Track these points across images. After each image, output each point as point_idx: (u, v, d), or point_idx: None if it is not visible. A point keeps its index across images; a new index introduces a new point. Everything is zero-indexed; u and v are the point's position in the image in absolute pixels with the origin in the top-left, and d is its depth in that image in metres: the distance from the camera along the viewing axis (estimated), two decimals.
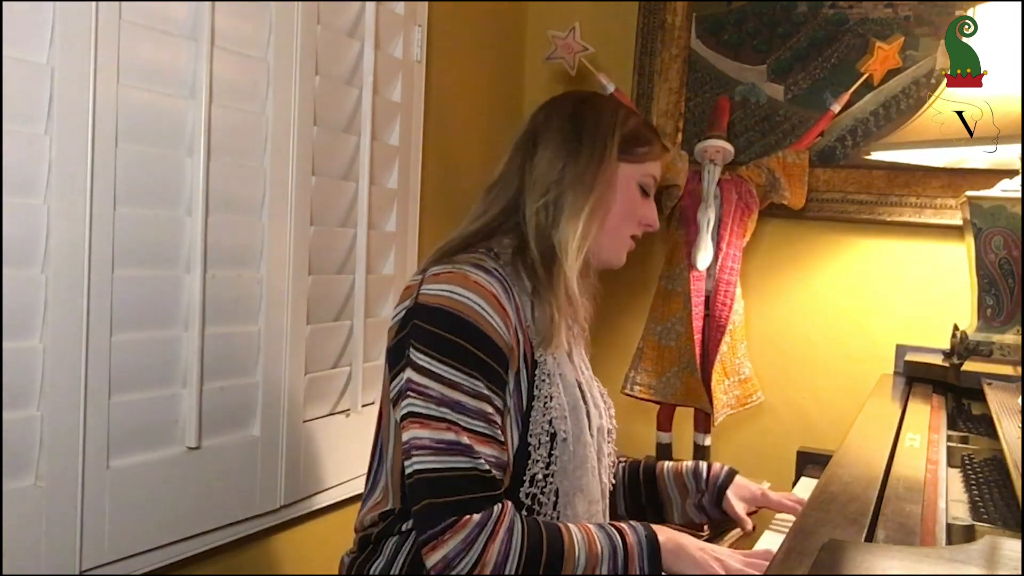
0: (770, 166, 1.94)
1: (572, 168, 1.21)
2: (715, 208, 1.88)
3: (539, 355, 1.15)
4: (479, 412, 1.05)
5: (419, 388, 1.06)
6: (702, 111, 2.15)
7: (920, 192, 1.97)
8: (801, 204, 1.96)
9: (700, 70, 2.16)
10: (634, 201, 1.26)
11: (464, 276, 1.09)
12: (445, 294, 1.08)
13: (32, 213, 1.08)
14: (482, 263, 1.13)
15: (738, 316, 1.90)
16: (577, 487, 1.15)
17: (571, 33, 2.00)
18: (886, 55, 1.90)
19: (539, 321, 1.15)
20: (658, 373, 1.92)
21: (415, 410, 1.06)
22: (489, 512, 1.03)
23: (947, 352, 1.65)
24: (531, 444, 1.11)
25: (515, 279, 1.16)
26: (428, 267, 1.15)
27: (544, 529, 1.05)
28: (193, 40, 1.28)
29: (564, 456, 1.13)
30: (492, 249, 1.19)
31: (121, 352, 1.20)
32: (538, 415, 1.12)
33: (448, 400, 1.05)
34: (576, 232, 1.18)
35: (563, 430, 1.13)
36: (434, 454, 1.03)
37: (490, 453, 1.05)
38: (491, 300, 1.08)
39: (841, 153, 2.03)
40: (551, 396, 1.13)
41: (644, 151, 1.27)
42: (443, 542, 1.01)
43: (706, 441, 1.96)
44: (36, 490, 1.10)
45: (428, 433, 1.04)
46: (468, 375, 1.06)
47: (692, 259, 1.88)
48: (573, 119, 1.24)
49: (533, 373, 1.14)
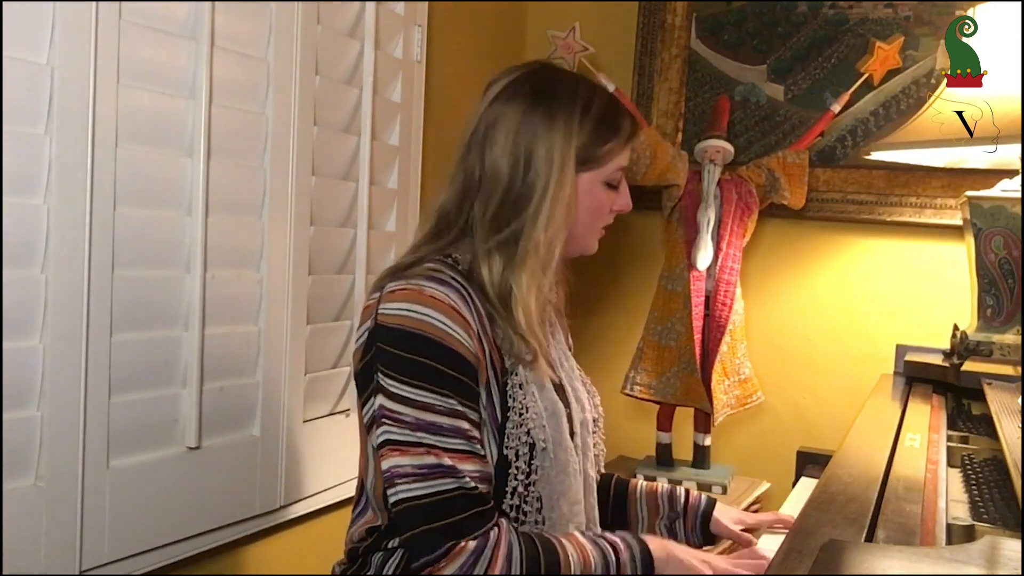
0: (770, 166, 1.94)
1: (526, 196, 1.11)
2: (715, 208, 1.88)
3: (509, 364, 1.10)
4: (456, 430, 1.03)
5: (393, 415, 1.03)
6: (702, 111, 2.15)
7: (920, 192, 1.97)
8: (801, 204, 1.96)
9: (700, 70, 2.16)
10: (601, 202, 1.17)
11: (419, 292, 1.05)
12: (404, 313, 1.04)
13: (32, 213, 1.08)
14: (437, 274, 1.07)
15: (738, 316, 1.90)
16: (559, 492, 1.13)
17: (571, 33, 2.00)
18: (886, 55, 1.90)
19: (502, 341, 1.10)
20: (658, 373, 1.92)
21: (391, 437, 1.03)
22: (486, 538, 1.01)
23: (947, 352, 1.65)
24: (509, 457, 1.08)
25: (475, 287, 1.11)
26: (384, 283, 1.09)
27: (542, 553, 1.04)
28: (193, 40, 1.28)
29: (545, 463, 1.10)
30: (449, 255, 1.13)
31: (121, 352, 1.20)
32: (514, 427, 1.08)
33: (423, 423, 1.02)
34: (532, 274, 1.10)
35: (542, 439, 1.10)
36: (418, 480, 1.01)
37: (473, 469, 1.03)
38: (450, 313, 1.04)
39: (841, 153, 2.03)
40: (527, 407, 1.09)
41: (608, 148, 1.15)
42: (439, 569, 1.00)
43: (706, 441, 1.96)
44: (36, 490, 1.10)
45: (408, 460, 1.02)
46: (440, 394, 1.03)
47: (692, 259, 1.88)
48: (525, 131, 1.11)
49: (505, 381, 1.10)
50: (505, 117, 1.13)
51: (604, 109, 1.15)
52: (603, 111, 1.15)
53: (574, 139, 1.12)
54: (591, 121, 1.13)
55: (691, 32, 2.15)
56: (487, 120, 1.15)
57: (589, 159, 1.14)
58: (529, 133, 1.11)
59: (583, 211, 1.16)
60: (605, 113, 1.15)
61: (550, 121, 1.12)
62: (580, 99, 1.14)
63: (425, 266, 1.09)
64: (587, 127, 1.13)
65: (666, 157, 1.92)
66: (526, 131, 1.11)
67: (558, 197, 1.11)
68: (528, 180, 1.11)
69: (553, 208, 1.10)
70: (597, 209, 1.18)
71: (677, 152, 1.98)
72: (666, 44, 2.16)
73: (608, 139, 1.14)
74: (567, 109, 1.13)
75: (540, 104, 1.13)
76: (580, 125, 1.12)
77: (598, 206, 1.18)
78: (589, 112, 1.13)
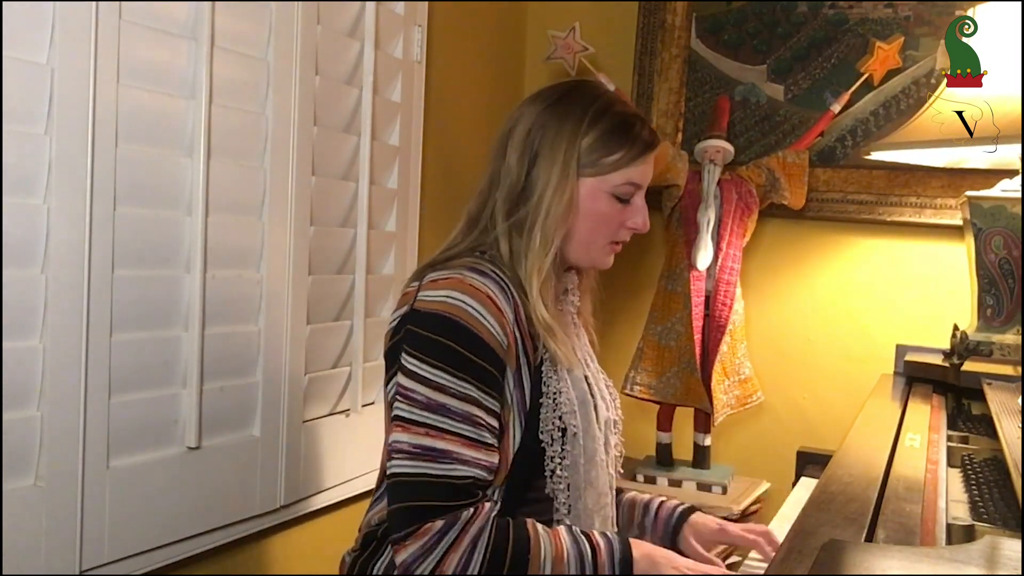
0: (770, 166, 1.94)
1: (531, 188, 1.16)
2: (715, 208, 1.89)
3: (545, 352, 1.15)
4: (465, 415, 1.06)
5: (406, 392, 1.07)
6: (702, 111, 2.15)
7: (920, 192, 1.97)
8: (801, 204, 1.96)
9: (700, 70, 2.16)
10: (606, 213, 1.19)
11: (460, 280, 1.10)
12: (441, 299, 1.09)
13: (32, 213, 1.08)
14: (479, 266, 1.13)
15: (738, 316, 1.91)
16: (587, 481, 1.15)
17: (571, 33, 2.00)
18: (886, 55, 1.90)
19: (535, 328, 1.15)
20: (658, 373, 1.92)
21: (400, 414, 1.07)
22: (455, 518, 1.03)
23: (947, 352, 1.65)
24: (543, 440, 1.12)
25: (514, 280, 1.16)
26: (425, 272, 1.15)
27: (511, 542, 1.04)
28: (193, 40, 1.28)
29: (575, 451, 1.14)
30: (487, 252, 1.19)
31: (121, 352, 1.20)
32: (548, 411, 1.12)
33: (433, 404, 1.06)
34: (536, 267, 1.15)
35: (573, 424, 1.13)
36: (410, 458, 1.05)
37: (474, 456, 1.05)
38: (486, 302, 1.08)
39: (841, 153, 2.03)
40: (560, 392, 1.13)
41: (614, 159, 1.17)
42: (404, 547, 1.03)
43: (706, 441, 1.96)
44: (36, 490, 1.10)
45: (408, 437, 1.06)
46: (457, 378, 1.06)
47: (692, 259, 1.88)
48: (537, 127, 1.18)
49: (539, 369, 1.14)
50: (524, 117, 1.20)
51: (618, 120, 1.18)
52: (616, 122, 1.18)
53: (579, 141, 1.16)
54: (600, 128, 1.17)
55: (691, 32, 2.15)
56: (512, 120, 1.22)
57: (592, 164, 1.17)
58: (540, 131, 1.17)
59: (586, 217, 1.18)
60: (618, 125, 1.18)
61: (560, 122, 1.17)
62: (596, 106, 1.18)
63: (465, 259, 1.15)
64: (595, 133, 1.17)
65: (666, 157, 1.92)
66: (538, 129, 1.18)
67: (558, 193, 1.15)
68: (533, 174, 1.17)
69: (552, 203, 1.15)
70: (602, 219, 1.19)
71: (677, 152, 1.98)
72: (666, 44, 2.16)
73: (614, 150, 1.17)
74: (580, 112, 1.17)
75: (558, 106, 1.18)
76: (588, 129, 1.16)
77: (603, 217, 1.19)
78: (601, 120, 1.17)
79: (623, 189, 1.19)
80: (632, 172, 1.18)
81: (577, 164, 1.16)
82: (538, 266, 1.15)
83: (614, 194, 1.18)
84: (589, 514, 1.16)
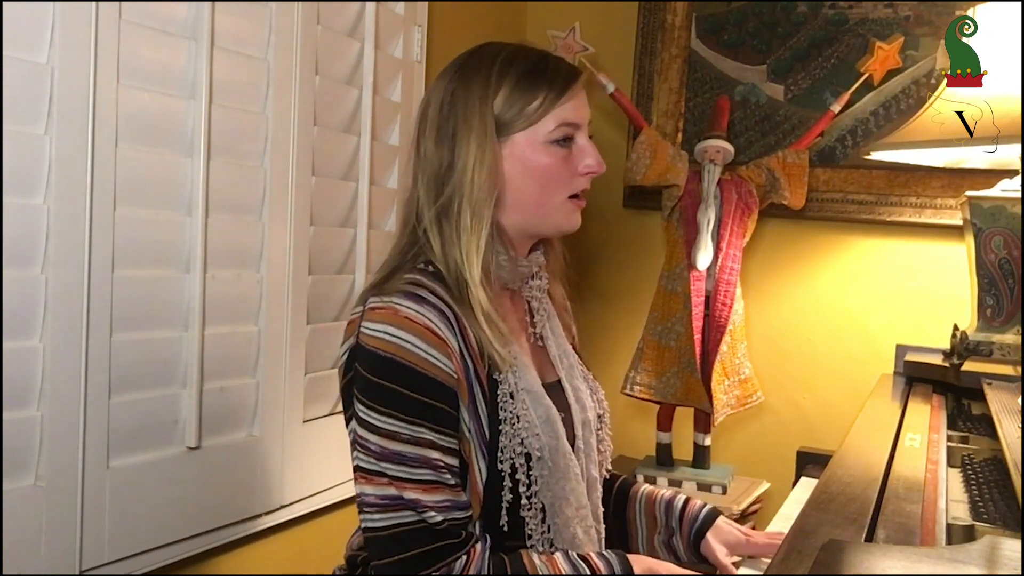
0: (770, 166, 1.94)
1: (452, 167, 1.08)
2: (715, 208, 1.88)
3: (497, 374, 1.06)
4: (422, 460, 1.00)
5: (361, 441, 1.02)
6: (702, 111, 2.15)
7: (920, 192, 1.97)
8: (801, 204, 1.96)
9: (700, 70, 2.16)
10: (551, 165, 1.10)
11: (395, 313, 1.02)
12: (380, 335, 1.01)
13: (32, 213, 1.08)
14: (415, 290, 1.04)
15: (738, 316, 1.90)
16: (562, 497, 1.10)
17: (571, 33, 2.00)
18: (886, 55, 1.90)
19: (483, 349, 1.06)
20: (658, 373, 1.92)
21: (360, 464, 1.03)
22: (449, 569, 1.00)
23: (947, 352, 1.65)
24: (503, 470, 1.05)
25: (457, 281, 1.07)
26: (368, 296, 1.07)
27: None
28: (193, 40, 1.28)
29: (544, 472, 1.08)
30: (429, 263, 1.09)
31: (121, 352, 1.20)
32: (507, 438, 1.05)
33: (387, 453, 1.00)
34: (471, 246, 1.06)
35: (536, 448, 1.06)
36: (380, 511, 1.01)
37: (440, 500, 1.01)
38: (426, 335, 1.01)
39: (841, 153, 2.03)
40: (518, 416, 1.06)
41: (536, 105, 1.09)
42: None
43: (706, 441, 1.96)
44: (36, 490, 1.10)
45: (372, 489, 1.01)
46: (406, 422, 1.00)
47: (692, 259, 1.88)
48: (447, 102, 1.10)
49: (494, 393, 1.06)
50: (433, 97, 1.13)
51: (528, 66, 1.11)
52: (527, 68, 1.11)
53: (491, 100, 1.09)
54: (512, 79, 1.09)
55: (691, 32, 2.15)
56: (423, 105, 1.15)
57: (516, 119, 1.09)
58: (450, 105, 1.10)
59: (531, 176, 1.10)
60: (529, 70, 1.11)
61: (467, 89, 1.09)
62: (501, 59, 1.11)
63: (404, 278, 1.06)
64: (507, 86, 1.09)
65: (666, 157, 1.92)
66: (448, 104, 1.10)
67: (479, 162, 1.07)
68: (455, 152, 1.09)
69: (475, 174, 1.07)
70: (549, 173, 1.11)
71: (677, 152, 1.98)
72: (666, 44, 2.16)
73: (533, 95, 1.09)
74: (485, 72, 1.10)
75: (463, 74, 1.11)
76: (498, 85, 1.09)
77: (548, 170, 1.11)
78: (509, 71, 1.10)
79: (560, 132, 1.10)
80: (562, 112, 1.10)
81: (497, 125, 1.08)
82: (474, 244, 1.06)
83: (552, 140, 1.10)
84: (570, 528, 1.11)
